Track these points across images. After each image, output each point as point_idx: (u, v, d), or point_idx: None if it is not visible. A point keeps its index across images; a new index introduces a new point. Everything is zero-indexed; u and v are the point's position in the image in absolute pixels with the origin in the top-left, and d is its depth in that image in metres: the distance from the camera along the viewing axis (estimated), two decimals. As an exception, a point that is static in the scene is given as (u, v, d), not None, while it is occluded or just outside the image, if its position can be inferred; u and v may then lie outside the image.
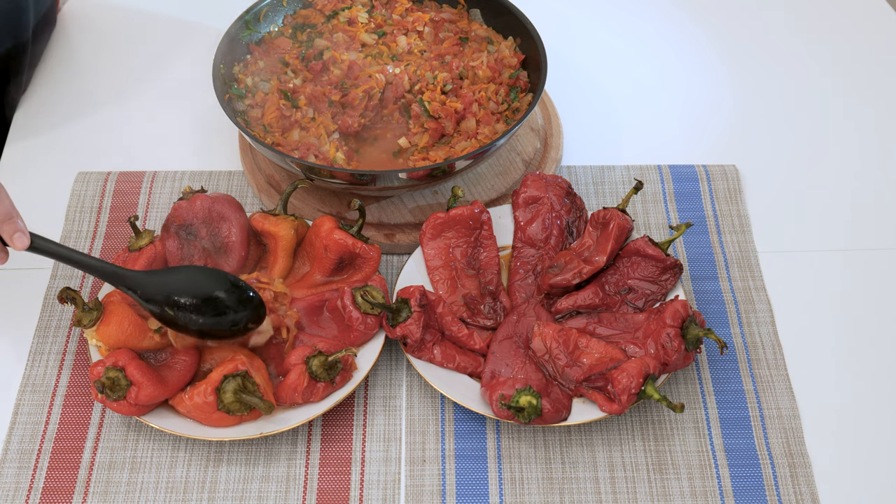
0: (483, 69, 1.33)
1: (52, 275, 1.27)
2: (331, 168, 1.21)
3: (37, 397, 1.16)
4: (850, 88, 1.53)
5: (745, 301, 1.25)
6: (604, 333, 1.15)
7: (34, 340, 1.20)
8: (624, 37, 1.61)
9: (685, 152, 1.42)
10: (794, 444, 1.12)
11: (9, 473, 1.10)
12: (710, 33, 1.61)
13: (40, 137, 1.43)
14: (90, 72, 1.53)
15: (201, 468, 1.11)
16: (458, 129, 1.31)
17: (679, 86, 1.53)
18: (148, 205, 1.34)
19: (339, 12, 1.41)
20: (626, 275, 1.19)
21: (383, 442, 1.13)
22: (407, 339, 1.12)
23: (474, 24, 1.42)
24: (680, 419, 1.14)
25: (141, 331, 1.12)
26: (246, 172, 1.37)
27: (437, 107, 1.31)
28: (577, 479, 1.10)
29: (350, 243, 1.18)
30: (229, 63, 1.35)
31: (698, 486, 1.10)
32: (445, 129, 1.31)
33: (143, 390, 1.06)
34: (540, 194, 1.24)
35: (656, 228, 1.32)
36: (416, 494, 1.09)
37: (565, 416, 1.09)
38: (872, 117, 1.48)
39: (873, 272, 1.28)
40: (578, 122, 1.46)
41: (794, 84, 1.53)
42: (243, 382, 1.07)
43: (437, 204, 1.33)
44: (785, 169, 1.41)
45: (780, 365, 1.19)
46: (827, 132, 1.46)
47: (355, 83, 1.33)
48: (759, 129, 1.46)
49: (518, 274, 1.22)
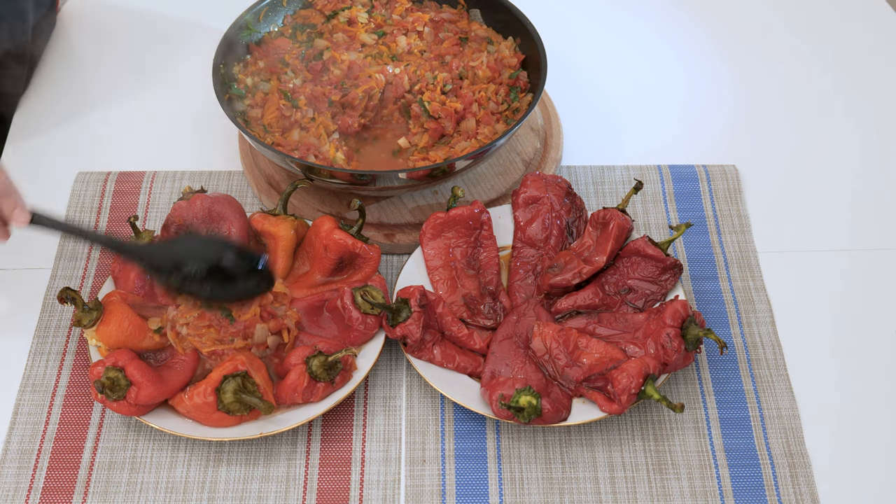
0: (483, 69, 1.33)
1: (52, 275, 1.27)
2: (331, 168, 1.21)
3: (37, 397, 1.16)
4: (849, 88, 1.53)
5: (744, 301, 1.25)
6: (604, 333, 1.15)
7: (34, 340, 1.20)
8: (624, 37, 1.61)
9: (685, 152, 1.42)
10: (793, 444, 1.12)
11: (9, 473, 1.10)
12: (710, 33, 1.61)
13: (40, 137, 1.43)
14: (90, 72, 1.53)
15: (201, 468, 1.11)
16: (458, 130, 1.31)
17: (679, 86, 1.53)
18: (148, 205, 1.34)
19: (339, 12, 1.41)
20: (625, 275, 1.19)
21: (383, 442, 1.13)
22: (407, 339, 1.12)
23: (474, 24, 1.42)
24: (680, 419, 1.14)
25: (141, 331, 1.12)
26: (246, 172, 1.37)
27: (436, 107, 1.31)
28: (576, 480, 1.10)
29: (350, 243, 1.18)
30: (229, 63, 1.35)
31: (698, 486, 1.10)
32: (445, 130, 1.31)
33: (143, 390, 1.06)
34: (540, 194, 1.24)
35: (656, 228, 1.32)
36: (416, 494, 1.09)
37: (565, 416, 1.09)
38: (872, 117, 1.48)
39: (873, 272, 1.28)
40: (578, 122, 1.46)
41: (794, 84, 1.53)
42: (243, 383, 1.07)
43: (436, 204, 1.33)
44: (785, 169, 1.41)
45: (779, 365, 1.19)
46: (827, 132, 1.46)
47: (355, 83, 1.33)
48: (759, 130, 1.46)
49: (518, 274, 1.22)
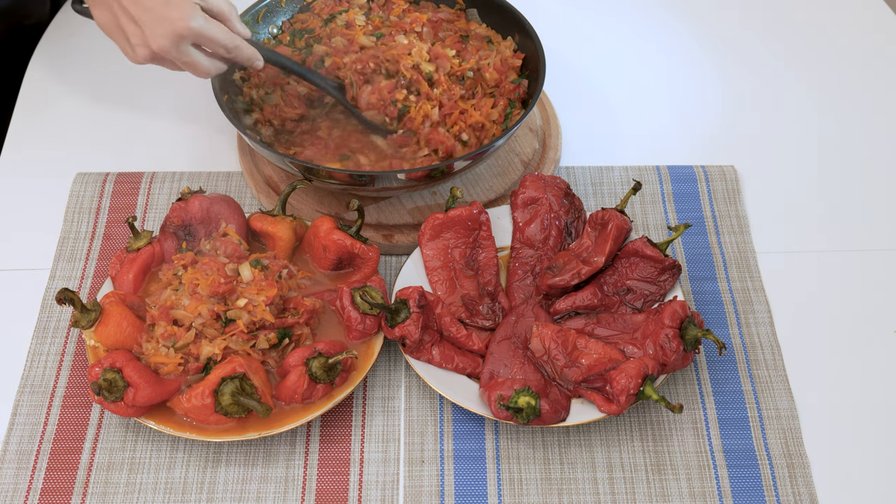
0: (490, 71, 1.32)
1: (51, 276, 1.26)
2: (329, 169, 1.21)
3: (35, 398, 1.16)
4: (849, 89, 1.53)
5: (743, 301, 1.25)
6: (602, 334, 1.16)
7: (33, 341, 1.20)
8: (623, 37, 1.61)
9: (684, 153, 1.42)
10: (792, 445, 1.12)
11: (7, 474, 1.10)
12: (709, 33, 1.61)
13: (40, 137, 1.43)
14: (90, 72, 1.53)
15: (200, 469, 1.11)
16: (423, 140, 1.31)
17: (678, 86, 1.53)
18: (146, 205, 1.34)
19: (337, 16, 1.40)
20: (624, 275, 1.19)
21: (382, 443, 1.13)
22: (405, 339, 1.12)
23: (472, 23, 1.42)
24: (678, 420, 1.14)
25: (139, 332, 1.12)
26: (244, 173, 1.37)
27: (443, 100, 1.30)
28: (575, 480, 1.10)
29: (349, 244, 1.18)
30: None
31: (697, 486, 1.10)
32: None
33: (141, 392, 1.05)
34: (538, 195, 1.24)
35: (655, 229, 1.32)
36: (415, 495, 1.09)
37: (564, 416, 1.09)
38: (871, 118, 1.48)
39: (872, 272, 1.28)
40: (577, 122, 1.46)
41: (793, 85, 1.53)
42: (241, 385, 1.06)
43: (435, 205, 1.33)
44: (783, 169, 1.41)
45: (778, 365, 1.19)
46: (826, 133, 1.46)
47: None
48: (758, 130, 1.46)
49: (517, 275, 1.22)
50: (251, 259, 1.14)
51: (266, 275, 1.13)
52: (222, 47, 1.19)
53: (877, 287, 1.27)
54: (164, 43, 1.15)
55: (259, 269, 1.13)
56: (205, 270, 1.12)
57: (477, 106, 1.28)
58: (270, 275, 1.13)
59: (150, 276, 1.19)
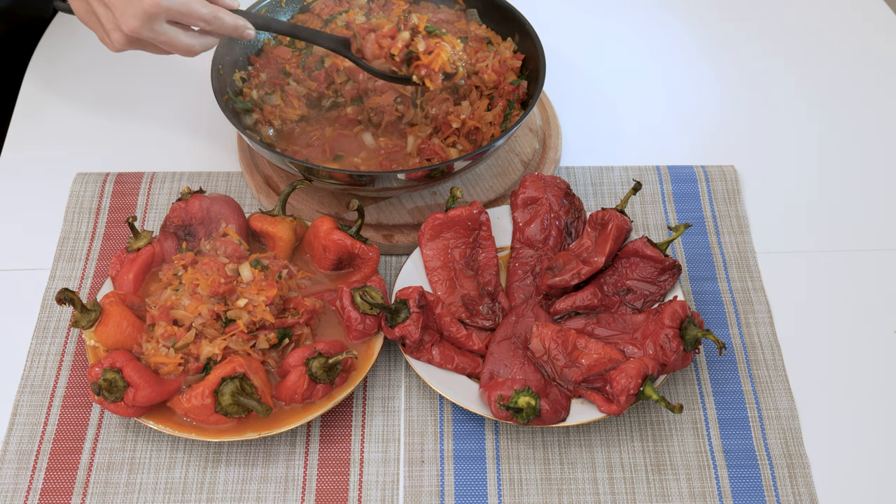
0: (489, 73, 1.32)
1: (51, 276, 1.26)
2: (329, 169, 1.21)
3: (35, 398, 1.16)
4: (848, 89, 1.53)
5: (743, 302, 1.25)
6: (602, 334, 1.16)
7: (33, 341, 1.20)
8: (623, 37, 1.61)
9: (684, 153, 1.42)
10: (792, 445, 1.12)
11: (7, 474, 1.10)
12: (709, 34, 1.61)
13: (40, 138, 1.43)
14: (90, 71, 1.53)
15: (200, 469, 1.11)
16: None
17: (678, 86, 1.53)
18: (146, 205, 1.34)
19: (336, 16, 1.40)
20: (624, 275, 1.19)
21: (382, 443, 1.13)
22: (405, 339, 1.12)
23: (472, 24, 1.42)
24: (678, 420, 1.14)
25: (139, 332, 1.12)
26: (244, 173, 1.37)
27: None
28: (575, 480, 1.10)
29: (349, 243, 1.18)
30: (228, 64, 1.34)
31: (697, 486, 1.10)
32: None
33: (141, 392, 1.05)
34: (538, 195, 1.24)
35: (655, 229, 1.32)
36: (415, 495, 1.09)
37: (564, 416, 1.09)
38: (871, 118, 1.48)
39: (872, 273, 1.28)
40: (577, 122, 1.46)
41: (793, 85, 1.53)
42: (241, 385, 1.06)
43: (435, 205, 1.33)
44: (783, 169, 1.41)
45: (778, 365, 1.19)
46: (825, 133, 1.46)
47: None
48: (758, 130, 1.46)
49: (517, 275, 1.22)
50: (251, 259, 1.14)
51: (266, 275, 1.13)
52: (201, 20, 1.14)
53: (876, 287, 1.27)
54: (134, 23, 1.11)
55: (259, 270, 1.13)
56: (205, 270, 1.12)
57: (472, 115, 1.28)
58: (270, 275, 1.13)
59: (150, 277, 1.19)
